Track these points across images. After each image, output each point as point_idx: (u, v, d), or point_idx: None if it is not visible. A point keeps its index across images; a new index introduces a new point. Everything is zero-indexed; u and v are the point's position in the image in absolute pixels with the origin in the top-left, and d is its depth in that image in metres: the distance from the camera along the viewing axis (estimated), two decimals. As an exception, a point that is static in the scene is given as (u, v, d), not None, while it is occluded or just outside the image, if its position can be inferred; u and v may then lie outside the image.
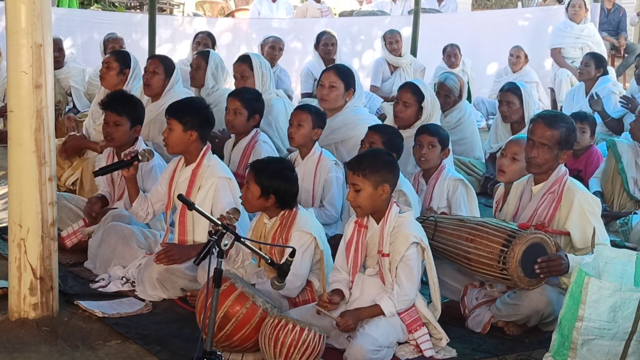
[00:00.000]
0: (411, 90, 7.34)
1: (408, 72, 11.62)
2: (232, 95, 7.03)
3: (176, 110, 5.75)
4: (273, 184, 5.15)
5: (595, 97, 9.73)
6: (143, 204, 5.81)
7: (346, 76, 7.48)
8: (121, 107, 6.38)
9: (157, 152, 6.35)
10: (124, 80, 7.69)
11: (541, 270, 4.93)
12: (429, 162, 6.35)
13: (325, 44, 10.98)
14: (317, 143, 6.57)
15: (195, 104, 5.98)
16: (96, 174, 5.92)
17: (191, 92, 7.99)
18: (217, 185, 5.59)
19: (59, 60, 10.28)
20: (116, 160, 6.39)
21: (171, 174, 5.82)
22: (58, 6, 14.37)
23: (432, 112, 7.33)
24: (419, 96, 7.27)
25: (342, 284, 5.01)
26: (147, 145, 6.55)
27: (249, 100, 6.90)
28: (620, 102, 9.64)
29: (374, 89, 11.72)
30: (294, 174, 5.35)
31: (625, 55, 14.72)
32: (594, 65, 10.29)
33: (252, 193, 5.17)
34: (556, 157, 5.33)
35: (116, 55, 7.95)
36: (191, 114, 5.69)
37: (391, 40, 11.84)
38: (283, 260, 4.54)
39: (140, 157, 5.66)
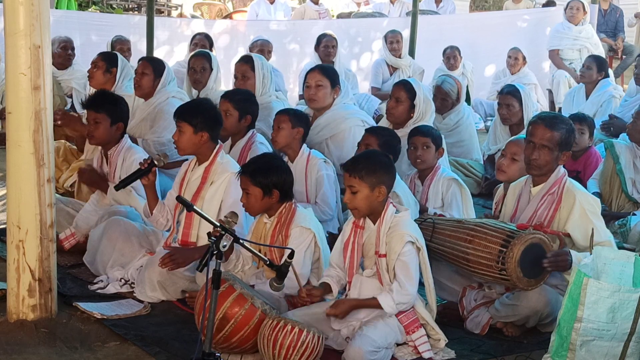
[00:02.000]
0: (404, 87, 7.43)
1: (407, 74, 11.62)
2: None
3: (186, 113, 5.75)
4: (272, 179, 5.18)
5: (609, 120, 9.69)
6: (162, 210, 5.81)
7: (331, 74, 7.57)
8: (100, 104, 6.40)
9: (140, 147, 6.60)
10: (112, 80, 7.78)
11: (550, 265, 4.93)
12: (425, 163, 6.40)
13: (325, 45, 10.98)
14: (304, 145, 6.59)
15: (204, 105, 5.96)
16: (117, 187, 5.82)
17: (184, 92, 7.97)
18: (229, 180, 5.61)
19: (70, 58, 10.34)
20: (104, 161, 6.46)
21: (182, 175, 5.84)
22: (56, 8, 14.38)
23: (424, 111, 7.37)
24: (412, 93, 7.34)
25: (332, 279, 5.02)
26: (133, 143, 6.62)
27: (239, 101, 6.88)
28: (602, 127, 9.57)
29: (374, 90, 11.73)
30: (284, 162, 5.46)
31: (623, 56, 14.73)
32: (596, 69, 10.29)
33: (254, 197, 5.18)
34: (556, 158, 5.34)
35: (103, 55, 8.06)
36: (201, 115, 5.69)
37: (392, 39, 11.86)
38: (282, 262, 4.55)
39: (156, 162, 5.64)
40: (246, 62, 8.06)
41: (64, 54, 10.39)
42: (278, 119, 6.61)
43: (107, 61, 7.87)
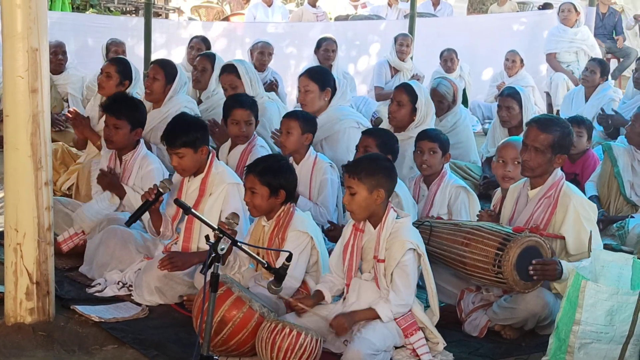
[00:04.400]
0: (406, 90, 7.45)
1: (407, 78, 11.62)
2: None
3: (179, 138, 5.64)
4: (280, 180, 5.20)
5: (602, 112, 9.66)
6: (167, 225, 5.79)
7: (319, 76, 7.55)
8: (121, 110, 6.36)
9: (158, 157, 6.53)
10: (121, 89, 7.64)
11: (535, 272, 4.93)
12: (431, 168, 6.37)
13: (326, 49, 10.98)
14: (311, 147, 6.58)
15: (189, 121, 5.88)
16: (128, 223, 5.68)
17: (194, 101, 7.92)
18: (227, 191, 5.62)
19: (61, 63, 10.29)
20: (118, 163, 6.44)
21: (179, 186, 5.81)
22: (50, 9, 14.33)
23: (426, 113, 7.41)
24: (413, 97, 7.37)
25: (326, 285, 5.02)
26: (149, 149, 6.62)
27: (252, 106, 6.90)
28: (599, 119, 9.56)
29: (378, 89, 11.73)
30: (291, 165, 5.47)
31: (620, 59, 14.75)
32: (599, 73, 10.27)
33: (260, 196, 5.18)
34: (549, 161, 5.33)
35: (117, 65, 7.67)
36: (194, 133, 5.66)
37: (403, 42, 11.86)
38: (280, 265, 4.54)
39: (162, 190, 5.53)
40: (230, 72, 7.95)
41: (54, 60, 10.23)
42: (287, 124, 6.55)
43: (121, 74, 7.53)
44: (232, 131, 6.93)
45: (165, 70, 7.51)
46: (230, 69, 8.00)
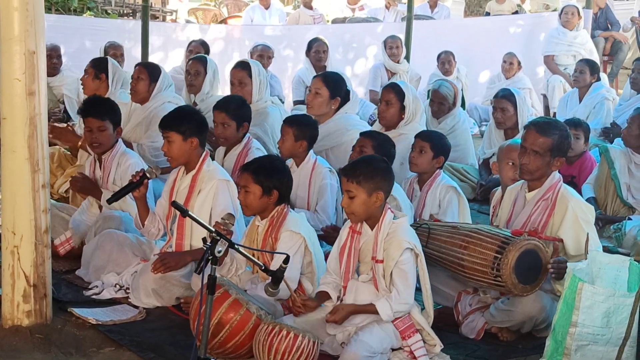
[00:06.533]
0: (393, 89, 7.54)
1: (404, 80, 11.61)
2: (216, 107, 6.93)
3: (172, 122, 5.72)
4: (273, 180, 5.20)
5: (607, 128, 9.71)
6: (154, 220, 5.79)
7: (333, 83, 7.56)
8: (102, 111, 6.40)
9: (139, 152, 6.67)
10: (104, 86, 7.74)
11: (555, 272, 4.92)
12: (417, 166, 6.40)
13: (316, 51, 10.97)
14: (311, 151, 6.59)
15: (188, 110, 5.96)
16: (109, 201, 5.75)
17: (180, 97, 7.96)
18: (216, 187, 5.61)
19: (56, 66, 10.29)
20: (97, 165, 6.45)
21: (171, 185, 5.82)
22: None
23: (415, 111, 7.48)
24: (401, 95, 7.44)
25: (330, 286, 5.02)
26: (127, 147, 6.68)
27: (234, 110, 6.84)
28: (604, 133, 9.60)
29: (373, 93, 11.72)
30: (286, 166, 5.47)
31: (612, 57, 14.84)
32: (589, 72, 10.34)
33: (253, 194, 5.19)
34: (548, 164, 5.34)
35: (93, 61, 8.01)
36: (187, 122, 5.69)
37: (392, 45, 11.85)
38: (277, 267, 4.54)
39: (148, 175, 5.60)
40: (243, 69, 8.00)
41: (49, 63, 10.09)
42: (283, 129, 6.60)
43: (95, 67, 7.83)
44: (214, 133, 6.96)
45: (148, 70, 7.62)
46: (244, 66, 8.07)
